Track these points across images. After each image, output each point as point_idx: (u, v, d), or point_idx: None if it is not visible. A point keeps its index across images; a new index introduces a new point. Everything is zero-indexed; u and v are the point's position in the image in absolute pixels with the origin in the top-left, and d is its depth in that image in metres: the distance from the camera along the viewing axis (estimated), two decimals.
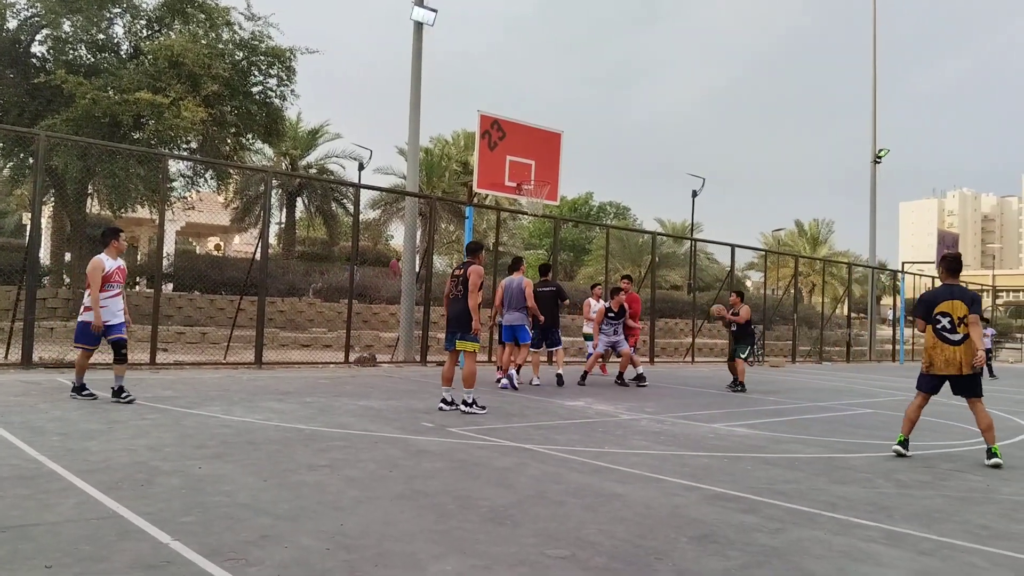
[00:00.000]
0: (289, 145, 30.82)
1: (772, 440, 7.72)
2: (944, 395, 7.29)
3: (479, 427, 7.60)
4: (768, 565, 3.71)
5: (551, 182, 16.68)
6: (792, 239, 54.24)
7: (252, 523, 3.97)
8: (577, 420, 8.55)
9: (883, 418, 10.16)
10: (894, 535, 4.34)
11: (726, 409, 10.32)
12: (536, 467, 5.76)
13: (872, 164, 30.53)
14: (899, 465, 6.61)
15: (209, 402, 8.47)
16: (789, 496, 5.18)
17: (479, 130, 15.68)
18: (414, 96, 16.52)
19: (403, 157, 33.75)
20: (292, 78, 19.07)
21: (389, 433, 6.98)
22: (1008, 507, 5.18)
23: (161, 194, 13.96)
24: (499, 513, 4.40)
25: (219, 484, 4.76)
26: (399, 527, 4.04)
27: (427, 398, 9.83)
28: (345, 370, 13.70)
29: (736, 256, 23.77)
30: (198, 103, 16.56)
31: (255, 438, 6.38)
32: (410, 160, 17.31)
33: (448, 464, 5.71)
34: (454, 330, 8.63)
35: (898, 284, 31.05)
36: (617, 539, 4.01)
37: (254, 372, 12.43)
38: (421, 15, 16.27)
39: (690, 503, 4.86)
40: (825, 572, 3.64)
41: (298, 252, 31.19)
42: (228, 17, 18.27)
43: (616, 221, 55.22)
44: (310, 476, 5.10)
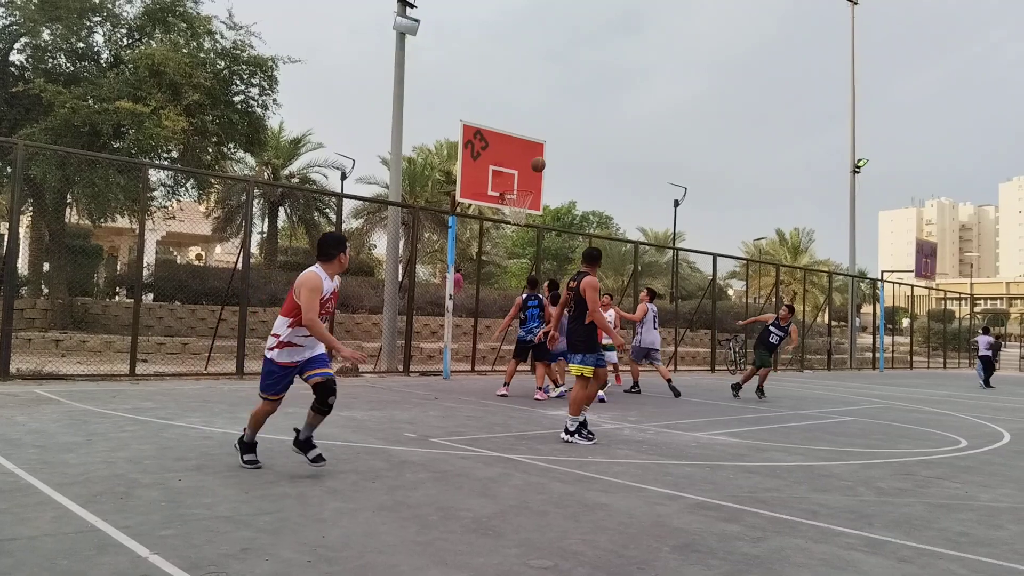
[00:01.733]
0: (271, 154, 30.71)
1: (754, 448, 7.76)
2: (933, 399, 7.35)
3: (462, 437, 7.58)
4: (749, 574, 3.72)
5: (534, 191, 16.72)
6: (773, 248, 54.64)
7: (233, 536, 3.94)
8: (560, 430, 8.55)
9: (863, 426, 10.24)
10: (874, 543, 4.37)
11: (708, 418, 10.35)
12: (519, 477, 5.75)
13: (851, 174, 30.81)
14: (879, 473, 6.66)
15: (190, 413, 8.40)
16: (770, 504, 5.20)
17: (462, 140, 15.71)
18: (397, 106, 16.52)
19: (386, 166, 33.76)
20: (274, 87, 19.00)
21: (371, 444, 6.95)
22: (986, 514, 5.23)
23: (141, 204, 13.86)
24: (482, 524, 4.40)
25: (199, 497, 4.72)
26: (381, 538, 4.02)
27: (409, 408, 9.80)
28: None
29: (718, 265, 23.94)
30: (179, 112, 16.46)
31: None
32: (393, 169, 17.30)
33: (430, 475, 5.69)
34: (569, 351, 7.75)
35: (878, 292, 31.32)
36: (600, 549, 4.01)
37: (236, 383, 12.34)
38: (404, 25, 16.29)
39: (672, 512, 4.87)
40: None
41: (280, 262, 31.03)
42: (210, 26, 18.19)
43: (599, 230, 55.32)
44: (291, 488, 5.07)
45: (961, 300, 45.14)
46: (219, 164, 20.28)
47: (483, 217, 23.55)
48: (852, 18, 31.22)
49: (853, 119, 31.01)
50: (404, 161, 29.38)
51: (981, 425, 10.93)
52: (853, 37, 31.18)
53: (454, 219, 16.68)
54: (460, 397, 11.56)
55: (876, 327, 30.31)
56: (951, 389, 19.20)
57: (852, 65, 31.11)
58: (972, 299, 45.92)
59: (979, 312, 71.53)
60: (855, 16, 31.22)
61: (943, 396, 16.40)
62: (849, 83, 31.11)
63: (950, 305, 37.47)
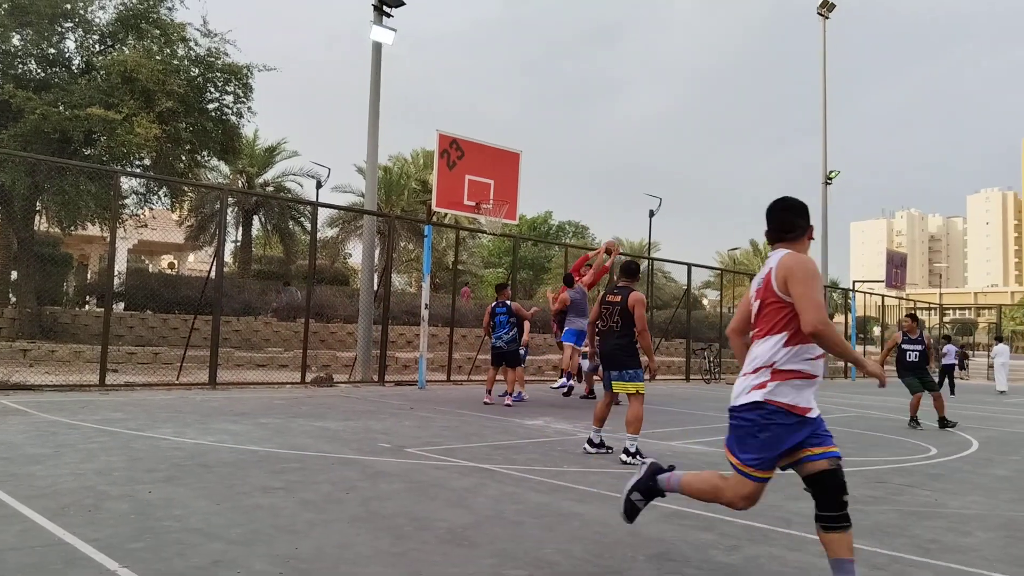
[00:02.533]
0: (246, 163, 30.52)
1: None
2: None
3: (437, 447, 7.55)
4: None
5: (510, 201, 16.75)
6: (747, 258, 55.16)
7: (204, 548, 3.89)
8: (536, 439, 8.55)
9: (836, 434, 10.27)
10: None
11: (683, 427, 10.40)
12: (494, 487, 5.74)
13: (823, 185, 31.21)
14: (852, 481, 6.68)
15: (160, 424, 8.29)
16: (745, 513, 5.21)
17: (438, 149, 15.72)
18: (373, 114, 16.49)
19: (362, 175, 33.62)
20: (249, 95, 18.90)
21: (346, 454, 6.90)
22: (956, 521, 5.30)
23: (112, 211, 13.69)
24: (456, 534, 4.37)
25: (170, 508, 4.66)
26: (355, 550, 3.99)
27: (384, 418, 9.75)
28: (301, 390, 13.52)
29: (693, 275, 24.13)
30: (152, 119, 16.31)
31: (208, 460, 6.25)
32: (368, 178, 17.25)
33: (405, 485, 5.66)
34: (610, 368, 7.32)
35: (849, 302, 31.70)
36: (575, 558, 4.01)
37: (208, 393, 12.20)
38: (380, 35, 16.29)
39: (648, 521, 4.88)
40: None
41: (255, 271, 30.79)
42: (184, 33, 18.07)
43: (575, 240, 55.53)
44: (264, 499, 5.01)
45: (930, 310, 45.84)
46: (192, 172, 20.12)
47: (459, 226, 23.54)
48: (823, 32, 31.69)
49: (825, 131, 31.44)
50: (380, 170, 29.31)
51: (950, 433, 11.09)
52: (824, 51, 31.64)
53: (430, 228, 16.66)
54: (436, 407, 11.52)
55: (848, 336, 30.65)
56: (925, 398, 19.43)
57: (824, 78, 31.55)
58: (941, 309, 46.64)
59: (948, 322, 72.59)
60: (826, 30, 31.70)
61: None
62: (821, 96, 31.55)
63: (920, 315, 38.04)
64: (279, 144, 33.72)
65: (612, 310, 7.31)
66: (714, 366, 23.91)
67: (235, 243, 32.40)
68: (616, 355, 7.24)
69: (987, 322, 70.91)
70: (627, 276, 7.56)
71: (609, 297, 7.42)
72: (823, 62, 31.60)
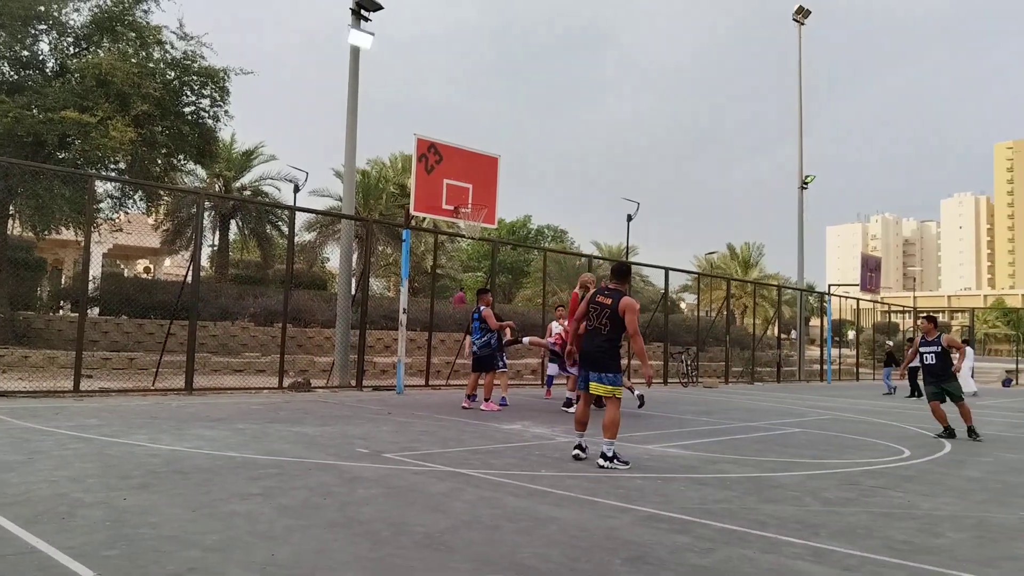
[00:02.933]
0: (222, 167, 30.28)
1: (705, 460, 7.86)
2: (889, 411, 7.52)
3: (415, 452, 7.55)
4: None
5: (488, 205, 16.77)
6: (724, 262, 55.52)
7: (179, 555, 3.87)
8: (514, 444, 8.57)
9: (811, 437, 10.44)
10: (820, 552, 4.46)
11: (660, 430, 10.46)
12: (472, 492, 5.75)
13: (799, 190, 31.53)
14: (826, 483, 6.80)
15: (136, 430, 8.21)
16: (720, 515, 5.28)
17: (416, 153, 15.70)
18: (351, 118, 16.46)
19: (340, 179, 33.53)
20: (226, 99, 18.79)
21: (323, 460, 6.88)
22: (928, 522, 5.38)
23: (87, 216, 13.56)
24: (434, 539, 4.38)
25: (145, 516, 4.62)
26: (332, 556, 3.99)
27: (362, 424, 9.72)
28: (279, 395, 13.45)
29: (670, 279, 24.26)
30: (127, 123, 16.17)
31: (184, 467, 6.21)
32: (346, 182, 17.21)
33: (383, 490, 5.66)
34: (590, 369, 7.25)
35: (825, 305, 32.03)
36: (552, 562, 4.03)
37: (184, 398, 12.11)
38: (358, 39, 16.26)
39: (624, 525, 4.92)
40: None
41: (232, 275, 30.57)
42: (159, 36, 17.93)
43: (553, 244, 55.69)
44: (241, 505, 4.99)
45: (905, 313, 46.37)
46: (168, 176, 19.96)
47: (438, 231, 23.54)
48: (799, 38, 32.04)
49: (801, 136, 31.77)
50: (358, 174, 29.22)
51: (923, 435, 11.24)
52: (800, 56, 31.99)
53: (408, 232, 16.64)
54: (414, 412, 11.50)
55: (824, 339, 30.96)
56: (895, 400, 19.69)
57: (799, 83, 31.90)
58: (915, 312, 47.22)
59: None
60: (802, 36, 32.05)
61: (888, 407, 16.82)
62: (797, 101, 31.88)
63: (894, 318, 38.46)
64: (256, 148, 33.53)
65: (601, 312, 7.25)
66: (692, 369, 24.05)
67: (212, 247, 32.17)
68: (599, 357, 7.20)
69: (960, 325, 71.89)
70: (618, 278, 7.48)
71: (600, 298, 7.33)
72: (799, 68, 31.95)
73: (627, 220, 32.87)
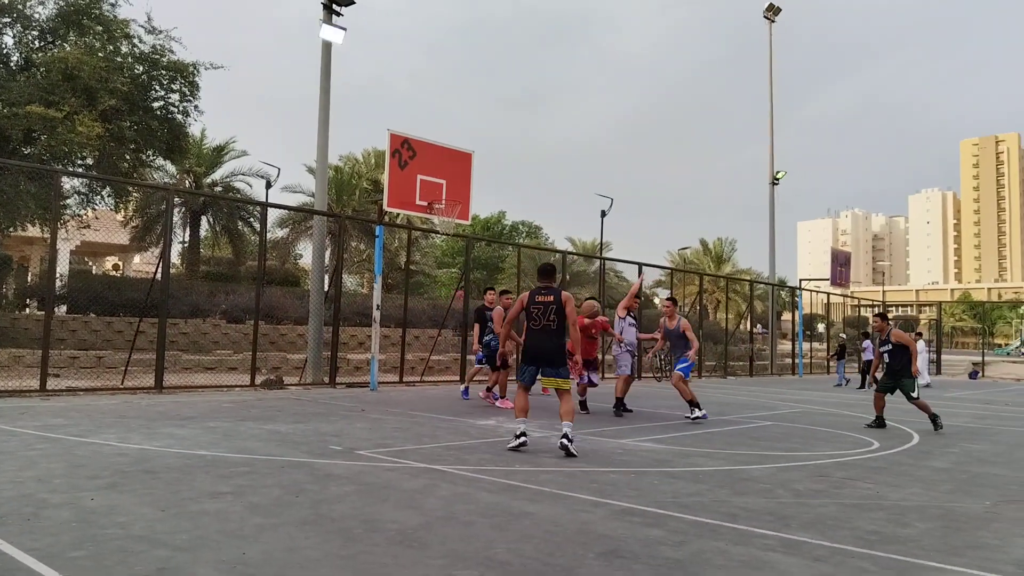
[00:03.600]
0: (193, 162, 29.95)
1: (678, 454, 7.91)
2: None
3: (389, 449, 7.52)
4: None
5: (463, 201, 16.74)
6: (697, 257, 55.87)
7: (148, 555, 3.82)
8: (488, 439, 8.57)
9: (783, 430, 10.55)
10: (791, 543, 4.50)
11: (634, 425, 10.51)
12: (446, 488, 5.73)
13: (771, 185, 31.80)
14: (797, 475, 6.87)
15: (104, 429, 8.10)
16: (693, 509, 5.31)
17: (389, 149, 15.62)
18: (323, 114, 16.33)
19: (312, 175, 33.26)
20: (196, 93, 18.58)
21: (295, 457, 6.82)
22: (896, 512, 5.45)
23: (53, 212, 13.33)
24: (407, 535, 4.36)
25: (113, 516, 4.56)
26: (303, 553, 3.96)
27: (336, 421, 9.67)
28: (251, 393, 13.33)
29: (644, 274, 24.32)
30: (94, 118, 15.93)
31: (153, 466, 6.13)
32: (318, 178, 17.08)
33: (356, 487, 5.62)
34: (543, 366, 7.62)
35: (796, 300, 32.35)
36: (526, 557, 4.03)
37: (154, 397, 11.96)
38: (330, 34, 16.13)
39: (597, 519, 4.93)
40: None
41: (203, 272, 30.24)
42: (127, 30, 17.68)
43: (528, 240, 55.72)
44: (211, 504, 4.94)
45: (874, 307, 46.99)
46: (137, 172, 19.70)
47: (411, 226, 23.43)
48: (770, 36, 32.30)
49: (772, 133, 32.05)
50: (331, 170, 29.05)
51: (892, 427, 11.39)
52: (771, 54, 32.26)
53: (381, 228, 16.55)
54: (387, 409, 11.46)
55: (795, 333, 31.28)
56: (866, 393, 19.95)
57: (770, 81, 32.17)
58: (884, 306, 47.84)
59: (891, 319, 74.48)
60: (772, 34, 32.31)
61: (858, 400, 17.03)
62: (768, 99, 32.15)
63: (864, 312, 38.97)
64: (227, 143, 33.17)
65: (547, 309, 7.65)
66: (665, 364, 24.16)
67: (182, 244, 31.80)
68: (556, 353, 7.63)
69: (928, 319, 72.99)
70: (547, 277, 7.99)
71: (539, 298, 7.75)
72: (769, 65, 32.22)
73: (601, 216, 32.95)
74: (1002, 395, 21.02)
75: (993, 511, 5.63)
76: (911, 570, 4.07)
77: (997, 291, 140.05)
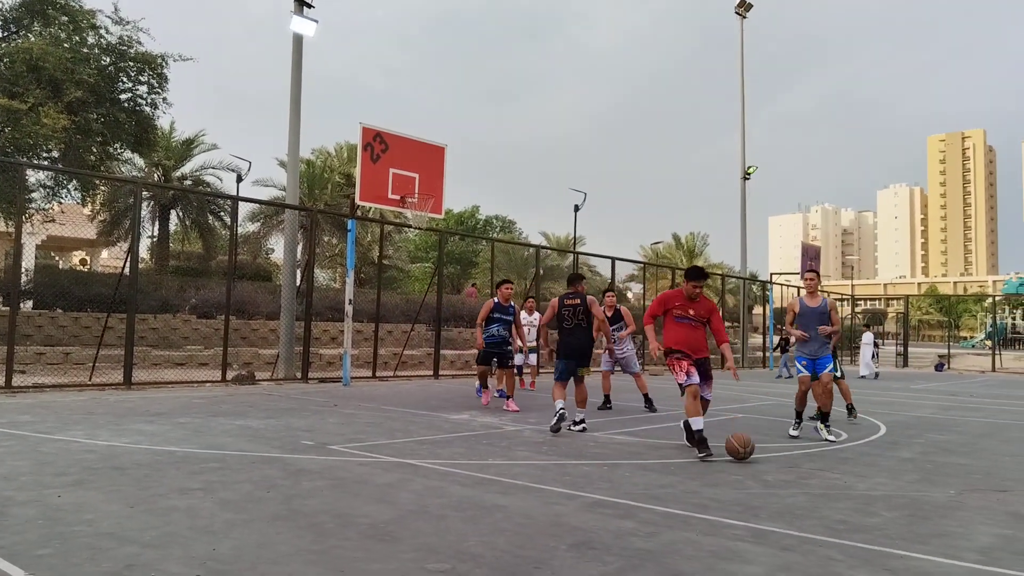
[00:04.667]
0: (161, 155, 29.51)
1: (650, 446, 7.97)
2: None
3: (361, 444, 7.50)
4: (642, 568, 3.83)
5: (435, 195, 16.69)
6: (670, 252, 56.14)
7: (116, 553, 3.78)
8: (462, 433, 8.57)
9: (754, 422, 10.67)
10: (759, 533, 4.56)
11: (607, 418, 10.57)
12: (419, 482, 5.73)
13: (742, 180, 32.08)
14: (766, 466, 6.95)
15: (72, 426, 7.99)
16: (664, 500, 5.36)
17: (361, 142, 15.52)
18: (294, 106, 16.19)
19: (284, 169, 32.94)
20: (164, 85, 18.34)
21: (267, 453, 6.78)
22: (862, 502, 5.54)
23: (18, 206, 13.10)
24: (379, 530, 4.36)
25: (80, 513, 4.50)
26: (275, 549, 3.94)
27: (308, 416, 9.61)
28: (222, 389, 13.21)
29: (617, 268, 24.48)
30: (60, 110, 15.67)
31: (122, 463, 6.06)
32: (290, 172, 16.94)
33: (328, 482, 5.60)
34: (578, 361, 8.98)
35: (767, 293, 32.68)
36: (498, 550, 4.05)
37: (123, 393, 11.81)
38: (301, 26, 15.99)
39: (570, 511, 4.96)
40: (695, 571, 3.80)
41: (172, 267, 29.87)
42: (94, 20, 17.38)
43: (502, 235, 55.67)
44: (181, 500, 4.89)
45: (843, 301, 47.61)
46: (105, 165, 19.41)
47: (384, 220, 23.33)
48: (741, 32, 32.54)
49: (743, 128, 32.30)
50: (302, 163, 28.81)
51: (860, 418, 11.56)
52: (742, 50, 32.51)
53: (353, 222, 16.46)
54: (360, 404, 11.41)
55: (765, 327, 31.61)
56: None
57: (742, 77, 32.42)
58: (853, 300, 48.49)
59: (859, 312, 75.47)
60: (744, 30, 32.55)
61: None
62: (739, 94, 32.40)
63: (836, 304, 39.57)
64: (197, 136, 32.72)
65: (577, 311, 8.99)
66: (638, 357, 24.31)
67: (151, 239, 31.40)
68: (587, 349, 8.98)
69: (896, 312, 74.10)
70: (574, 283, 9.31)
71: (571, 301, 9.07)
72: (741, 60, 32.47)
73: (574, 210, 33.03)
74: (967, 387, 21.42)
75: (957, 500, 5.75)
76: (877, 558, 4.15)
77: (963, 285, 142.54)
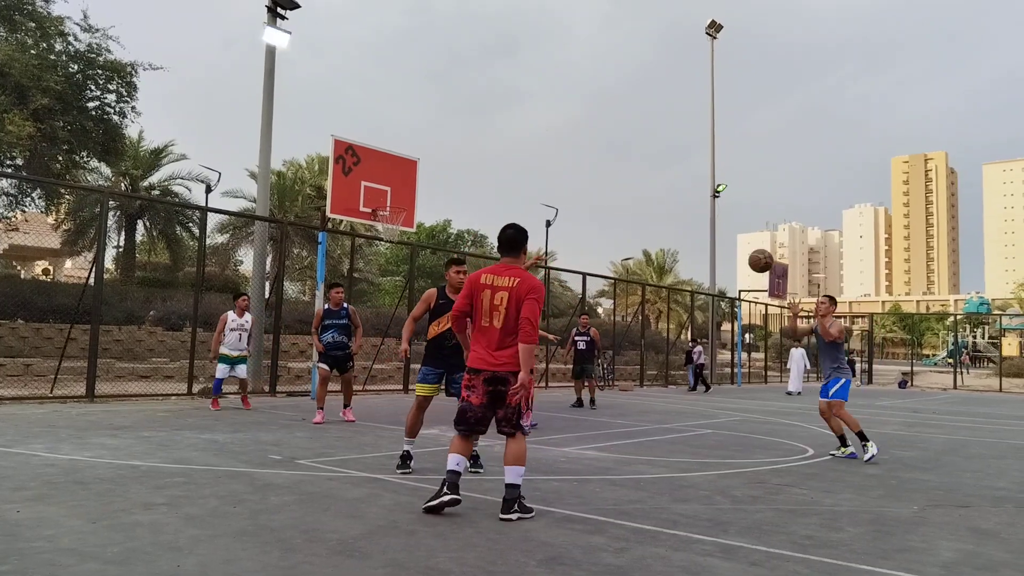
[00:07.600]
0: (129, 164, 29.18)
1: (620, 462, 7.98)
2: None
3: (330, 458, 7.42)
4: None
5: (407, 208, 16.64)
6: (640, 268, 56.50)
7: (77, 569, 3.70)
8: (431, 448, 8.52)
9: (722, 438, 10.73)
10: (728, 548, 4.59)
11: (577, 433, 10.58)
12: (388, 497, 5.69)
13: (711, 198, 32.42)
14: (735, 482, 7.00)
15: (31, 439, 7.81)
16: (634, 516, 5.37)
17: (333, 155, 15.46)
18: (265, 118, 16.09)
19: (254, 180, 32.69)
20: (133, 94, 18.17)
21: (234, 467, 6.68)
22: (829, 517, 5.60)
23: None
24: (348, 545, 4.31)
25: (40, 528, 4.40)
26: (241, 564, 3.88)
27: (275, 429, 9.50)
28: (188, 402, 13.02)
29: (588, 284, 24.58)
30: (25, 117, 15.43)
31: (84, 477, 5.94)
32: (260, 183, 16.80)
33: (296, 497, 5.53)
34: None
35: (736, 310, 33.00)
36: (468, 566, 4.02)
37: (85, 406, 11.59)
38: (274, 37, 15.92)
39: (540, 527, 4.94)
40: None
41: (138, 277, 29.45)
42: (62, 27, 17.19)
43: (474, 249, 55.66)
44: (145, 516, 4.80)
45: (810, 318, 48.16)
46: (70, 173, 19.15)
47: (355, 233, 23.26)
48: (712, 52, 32.98)
49: (713, 147, 32.68)
50: (273, 175, 28.59)
51: (827, 435, 11.67)
52: (712, 70, 32.93)
53: (324, 235, 16.36)
54: (329, 417, 11.30)
55: (734, 343, 31.89)
56: (801, 402, 20.44)
57: (712, 96, 32.82)
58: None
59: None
60: (714, 50, 33.00)
61: (794, 408, 17.44)
62: (709, 113, 32.80)
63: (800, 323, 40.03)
64: (166, 146, 32.38)
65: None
66: (608, 372, 24.41)
67: (117, 249, 30.94)
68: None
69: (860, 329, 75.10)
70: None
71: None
72: (711, 81, 32.88)
73: (546, 226, 33.12)
74: (930, 404, 21.77)
75: (921, 515, 5.83)
76: (842, 573, 4.19)
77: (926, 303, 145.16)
